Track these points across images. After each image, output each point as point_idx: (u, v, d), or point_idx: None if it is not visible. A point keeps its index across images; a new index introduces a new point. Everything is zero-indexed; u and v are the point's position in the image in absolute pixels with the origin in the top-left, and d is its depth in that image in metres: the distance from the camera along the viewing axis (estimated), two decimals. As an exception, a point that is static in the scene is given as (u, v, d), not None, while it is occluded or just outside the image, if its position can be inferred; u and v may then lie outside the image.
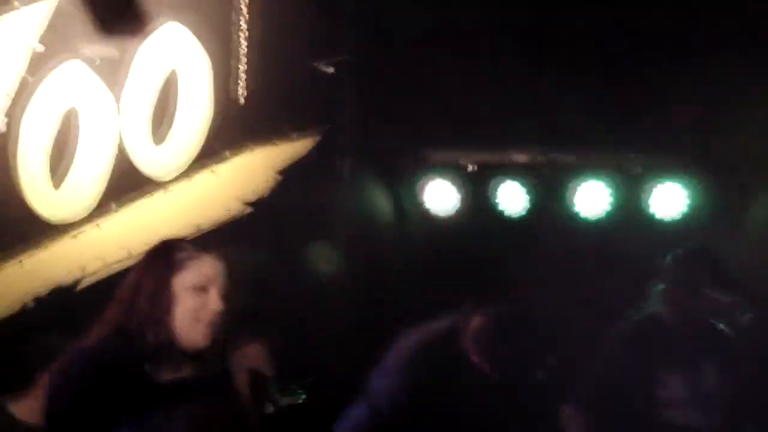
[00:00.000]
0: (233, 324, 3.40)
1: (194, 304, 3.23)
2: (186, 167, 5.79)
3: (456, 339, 4.56)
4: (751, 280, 5.32)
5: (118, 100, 5.50)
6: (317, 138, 6.27)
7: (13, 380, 4.45)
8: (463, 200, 6.54)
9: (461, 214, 6.54)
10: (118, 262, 5.39)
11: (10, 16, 5.13)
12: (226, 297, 3.32)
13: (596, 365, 5.03)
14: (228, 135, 5.93)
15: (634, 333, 5.01)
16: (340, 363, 5.71)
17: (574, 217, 6.43)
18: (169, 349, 3.20)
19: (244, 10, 5.85)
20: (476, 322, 4.57)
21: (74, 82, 5.34)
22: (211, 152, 5.87)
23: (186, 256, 3.28)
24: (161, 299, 3.19)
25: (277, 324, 5.83)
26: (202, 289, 3.25)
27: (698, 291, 5.04)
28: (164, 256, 3.28)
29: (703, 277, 5.06)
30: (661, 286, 5.09)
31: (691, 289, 5.04)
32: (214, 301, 3.26)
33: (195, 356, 3.27)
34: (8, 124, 5.17)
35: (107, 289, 3.50)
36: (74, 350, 3.16)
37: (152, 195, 5.67)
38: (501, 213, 6.48)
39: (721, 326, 5.13)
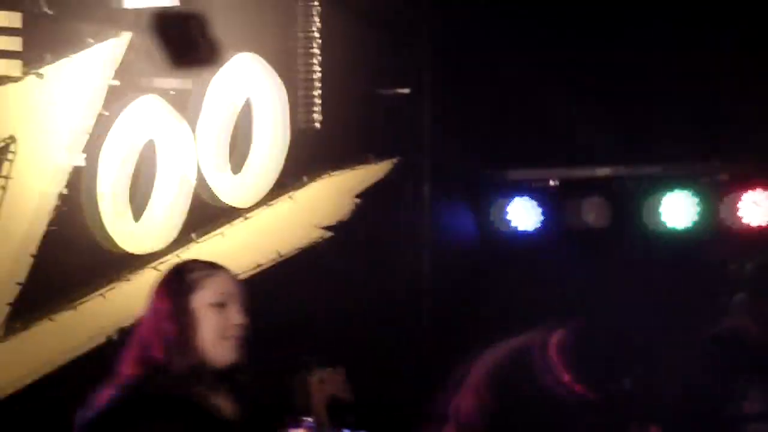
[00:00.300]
0: (310, 348, 3.39)
1: (217, 321, 3.22)
2: (264, 194, 5.82)
3: (542, 353, 4.49)
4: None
5: (194, 131, 5.57)
6: (395, 161, 6.27)
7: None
8: (546, 216, 6.48)
9: (544, 230, 6.47)
10: (201, 292, 5.42)
11: (84, 54, 5.24)
12: (248, 311, 3.30)
13: (676, 380, 4.90)
14: (305, 161, 5.95)
15: (715, 346, 4.88)
16: (422, 388, 5.65)
17: (659, 229, 6.32)
18: (201, 371, 3.18)
19: (317, 36, 5.87)
20: (561, 334, 4.50)
21: (150, 115, 5.43)
22: (288, 179, 5.90)
23: (198, 275, 3.25)
24: (184, 322, 3.16)
25: (356, 350, 5.85)
26: (221, 305, 3.24)
27: None
28: (176, 282, 3.25)
29: None
30: (742, 296, 4.95)
31: None
32: (236, 316, 3.25)
33: (226, 374, 3.26)
34: (87, 159, 5.27)
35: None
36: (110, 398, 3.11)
37: (232, 223, 5.71)
38: (585, 227, 6.39)
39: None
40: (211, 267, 3.27)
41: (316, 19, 5.84)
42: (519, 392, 4.39)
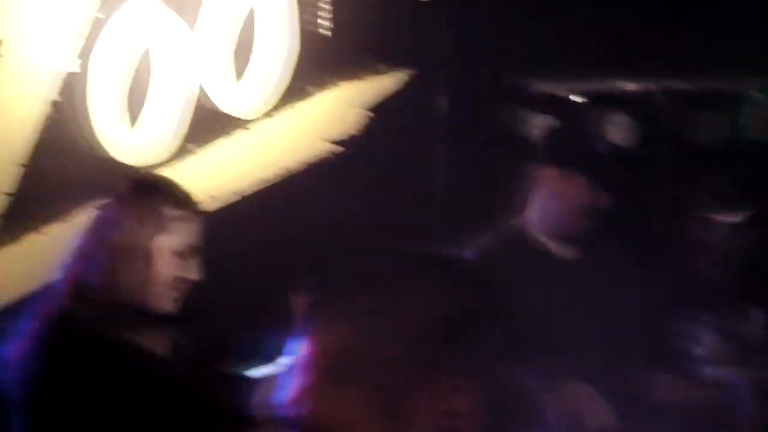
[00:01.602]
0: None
1: (173, 269, 2.99)
2: (268, 105, 5.55)
3: None
4: None
5: (194, 36, 5.28)
6: (409, 72, 5.95)
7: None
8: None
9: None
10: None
11: (76, -48, 4.96)
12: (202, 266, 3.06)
13: None
14: (312, 71, 5.65)
15: None
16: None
17: (688, 147, 6.03)
18: (133, 311, 2.95)
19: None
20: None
21: (148, 18, 5.15)
22: (294, 89, 5.60)
23: (173, 215, 3.01)
24: (139, 259, 2.92)
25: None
26: (181, 255, 3.01)
27: None
28: (147, 211, 2.99)
29: None
30: None
31: None
32: (193, 270, 3.02)
33: (158, 322, 3.03)
34: (81, 65, 5.03)
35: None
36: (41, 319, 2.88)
37: (233, 135, 5.45)
38: (608, 145, 6.08)
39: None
40: (186, 206, 3.04)
41: None
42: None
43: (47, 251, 5.04)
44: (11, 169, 4.96)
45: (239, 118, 5.46)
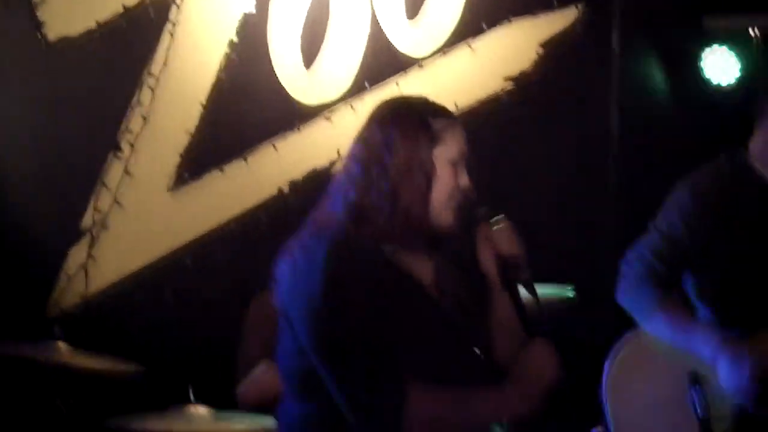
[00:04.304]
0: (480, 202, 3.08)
1: (450, 181, 2.90)
2: (442, 43, 5.51)
3: None
4: None
5: (369, -25, 5.28)
6: (583, 7, 5.84)
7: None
8: (746, 69, 5.97)
9: (744, 84, 5.97)
10: (374, 143, 5.19)
11: None
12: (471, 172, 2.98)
13: None
14: (485, 7, 5.59)
15: None
16: (610, 249, 5.34)
17: None
18: (417, 231, 2.90)
19: None
20: None
21: (323, -42, 5.16)
22: (467, 26, 5.55)
23: (443, 125, 2.92)
24: (420, 175, 2.85)
25: (534, 210, 5.56)
26: (455, 164, 2.92)
27: None
28: (418, 126, 2.91)
29: None
30: None
31: None
32: (464, 177, 2.93)
33: (439, 239, 2.97)
34: (257, 6, 5.06)
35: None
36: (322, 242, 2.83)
37: (407, 73, 5.43)
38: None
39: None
40: (451, 115, 2.97)
41: None
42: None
43: (228, 189, 5.15)
44: (193, 108, 5.03)
45: (413, 57, 5.44)
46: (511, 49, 5.67)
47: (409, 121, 2.92)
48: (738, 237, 3.88)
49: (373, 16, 5.33)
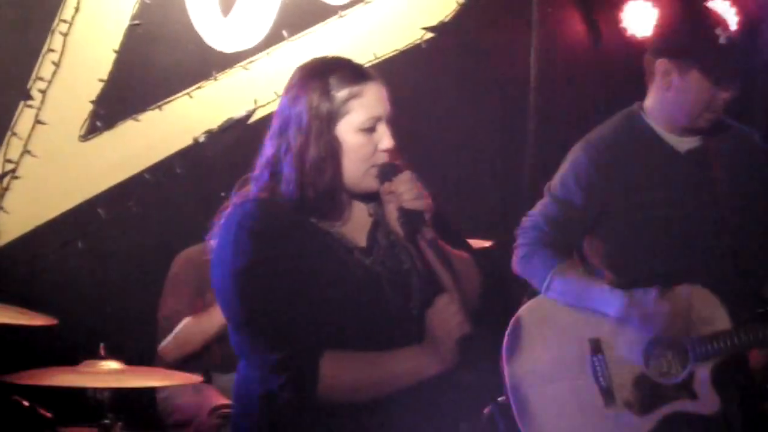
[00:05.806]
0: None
1: (364, 147, 2.86)
2: (362, -8, 5.46)
3: None
4: None
5: None
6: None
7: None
8: (662, 20, 5.98)
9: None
10: (292, 92, 5.12)
11: None
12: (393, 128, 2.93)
13: None
14: (406, -44, 5.53)
15: None
16: (528, 200, 5.35)
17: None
18: (337, 197, 2.86)
19: None
20: None
21: None
22: (387, -25, 5.50)
23: (349, 94, 2.86)
24: (325, 147, 2.81)
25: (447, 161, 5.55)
26: (371, 129, 2.87)
27: None
28: (322, 98, 2.85)
29: None
30: None
31: None
32: (384, 140, 2.88)
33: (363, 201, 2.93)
34: (174, -49, 4.97)
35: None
36: (238, 208, 2.80)
37: (326, 21, 5.36)
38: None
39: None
40: (362, 77, 2.90)
41: None
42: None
43: (142, 138, 5.06)
44: (106, 55, 4.93)
45: (333, 5, 5.36)
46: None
47: (310, 88, 2.85)
48: (636, 195, 3.88)
49: (292, -37, 5.25)
